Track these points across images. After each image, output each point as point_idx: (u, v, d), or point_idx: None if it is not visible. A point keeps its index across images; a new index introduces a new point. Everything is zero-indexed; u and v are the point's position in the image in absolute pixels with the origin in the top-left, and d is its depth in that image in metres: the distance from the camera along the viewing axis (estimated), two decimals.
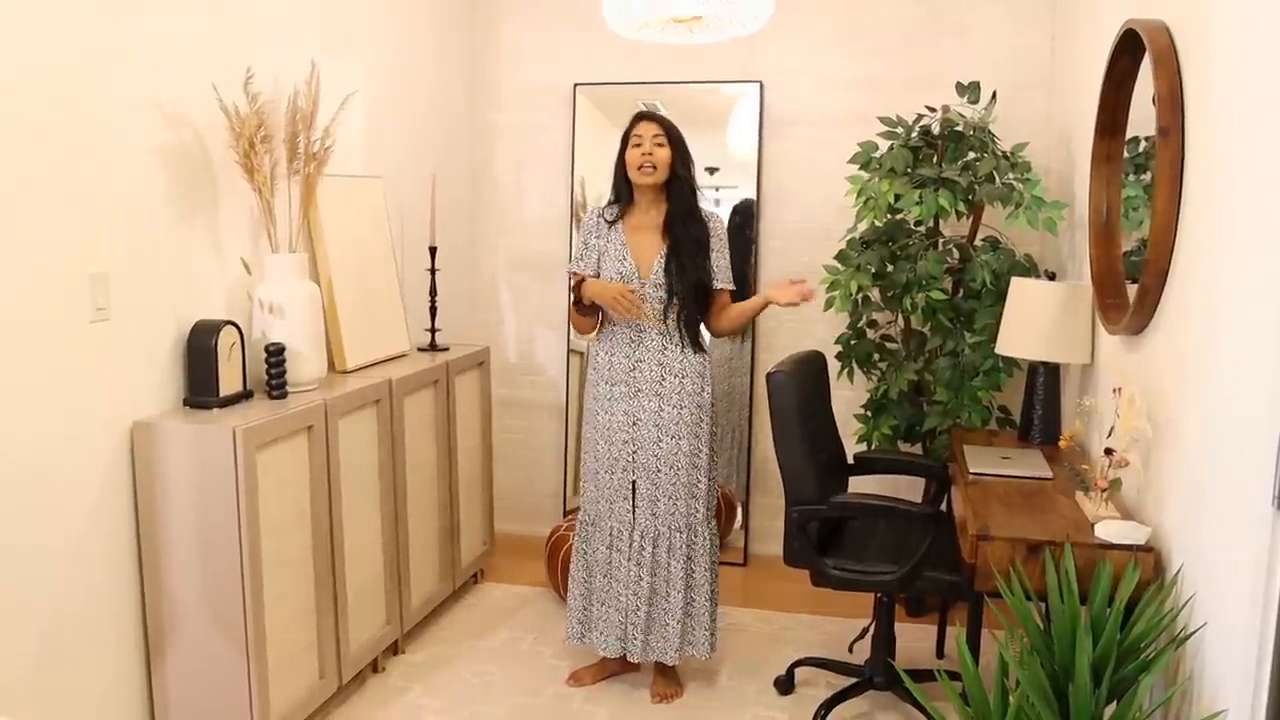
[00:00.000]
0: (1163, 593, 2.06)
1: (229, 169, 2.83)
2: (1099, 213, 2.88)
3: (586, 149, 4.46)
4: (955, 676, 2.36)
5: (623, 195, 3.20)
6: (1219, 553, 1.92)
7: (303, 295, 2.94)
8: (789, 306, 3.06)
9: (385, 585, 3.31)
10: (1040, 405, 3.24)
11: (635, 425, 3.13)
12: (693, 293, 3.10)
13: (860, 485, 3.43)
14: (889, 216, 3.63)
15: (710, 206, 3.24)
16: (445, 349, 3.86)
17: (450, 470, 3.75)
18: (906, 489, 3.92)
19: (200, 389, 2.71)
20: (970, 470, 2.84)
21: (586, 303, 3.13)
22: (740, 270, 4.01)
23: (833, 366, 3.64)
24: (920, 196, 3.44)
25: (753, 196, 4.31)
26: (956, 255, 3.68)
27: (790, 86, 4.25)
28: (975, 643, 2.56)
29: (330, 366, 3.21)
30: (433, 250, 3.83)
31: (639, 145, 3.09)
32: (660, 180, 3.10)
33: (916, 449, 3.89)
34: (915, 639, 3.59)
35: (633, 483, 3.14)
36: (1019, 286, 3.22)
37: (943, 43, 4.09)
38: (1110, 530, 2.28)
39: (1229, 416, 1.90)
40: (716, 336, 3.26)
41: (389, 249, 3.70)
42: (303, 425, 2.81)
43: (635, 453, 3.14)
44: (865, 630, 3.33)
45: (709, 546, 3.19)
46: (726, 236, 3.22)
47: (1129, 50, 2.63)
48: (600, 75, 4.40)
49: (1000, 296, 3.42)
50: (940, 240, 3.65)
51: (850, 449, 3.52)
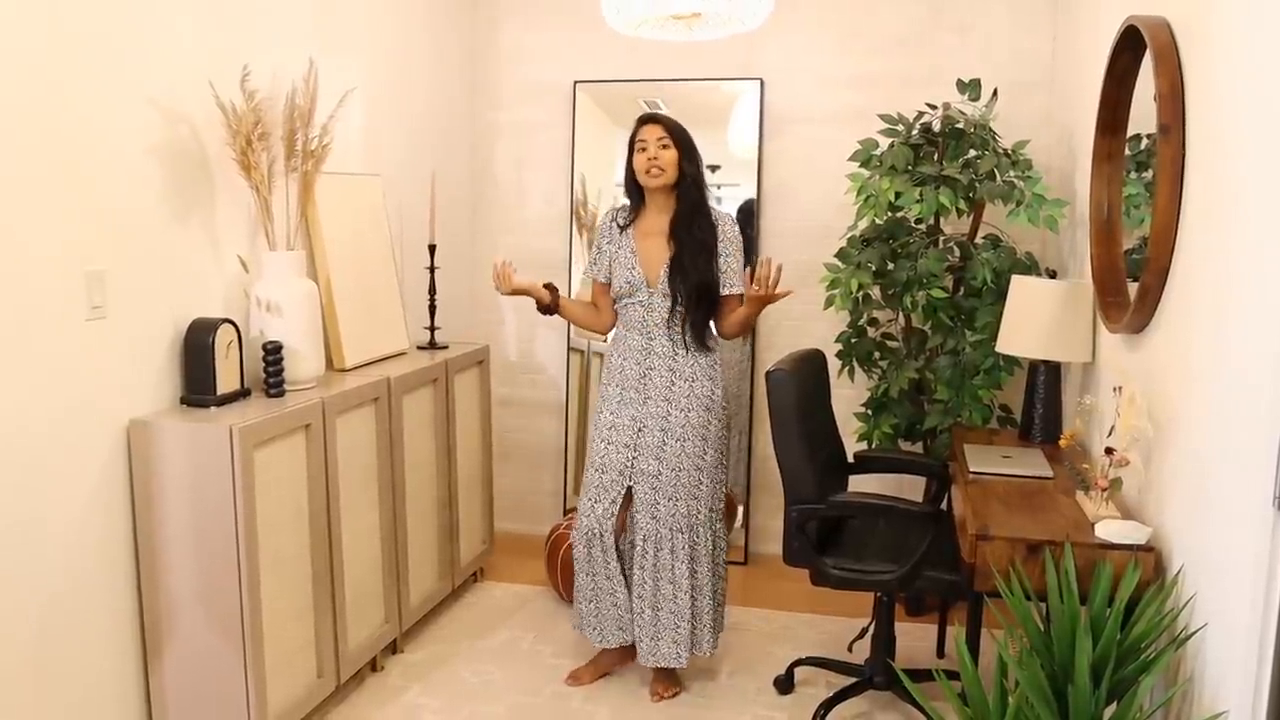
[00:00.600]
0: (1163, 593, 2.05)
1: (226, 166, 2.82)
2: (1100, 210, 2.87)
3: (587, 147, 4.45)
4: (955, 676, 2.36)
5: (634, 200, 3.20)
6: (1220, 553, 1.91)
7: (300, 293, 2.94)
8: (771, 295, 2.94)
9: (384, 584, 3.30)
10: (1041, 404, 3.23)
11: (640, 431, 3.13)
12: (696, 296, 3.08)
13: (860, 484, 3.42)
14: (889, 214, 3.62)
15: (713, 204, 3.22)
16: (445, 347, 3.85)
17: (449, 469, 3.74)
18: (907, 488, 3.91)
19: (197, 387, 2.70)
20: (970, 469, 2.83)
21: (549, 303, 3.20)
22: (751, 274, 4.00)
23: (833, 365, 3.62)
24: (921, 194, 3.43)
25: (752, 195, 4.30)
26: (957, 253, 3.67)
27: (791, 84, 4.24)
28: (974, 643, 2.55)
29: (329, 365, 3.20)
30: (432, 248, 3.82)
31: (644, 149, 3.09)
32: (668, 182, 3.10)
33: (917, 448, 3.88)
34: (915, 638, 3.58)
35: (629, 488, 3.15)
36: (1020, 285, 3.21)
37: (943, 40, 4.07)
38: (1111, 530, 2.27)
39: (1230, 416, 1.89)
40: (726, 339, 3.25)
41: (388, 247, 3.69)
42: (300, 424, 2.80)
43: (635, 459, 3.14)
44: (865, 630, 3.32)
45: (710, 547, 3.19)
46: (739, 238, 3.18)
47: (1130, 47, 2.62)
48: (601, 73, 4.39)
49: (1001, 295, 3.41)
50: (941, 238, 3.64)
51: (851, 448, 3.51)
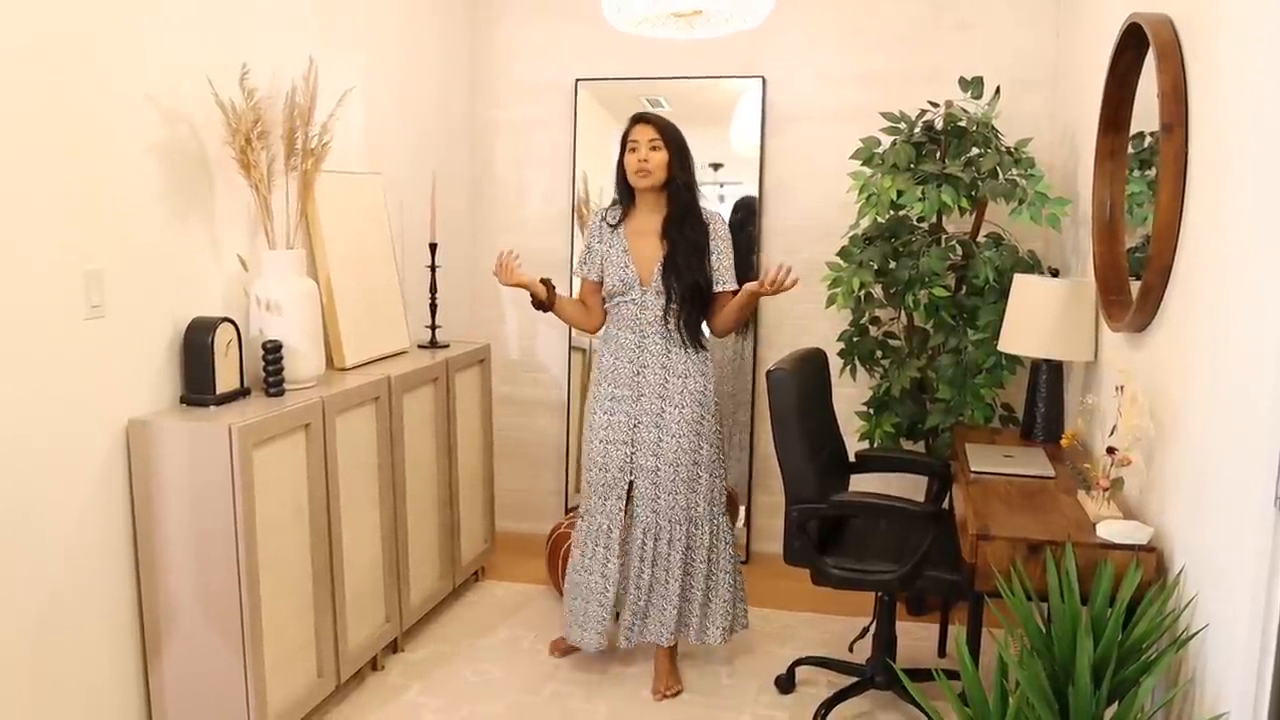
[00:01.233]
0: (1164, 593, 2.04)
1: (226, 165, 2.82)
2: (1102, 209, 2.86)
3: (588, 145, 4.44)
4: (956, 676, 2.35)
5: (624, 198, 3.22)
6: (1222, 553, 1.90)
7: (300, 292, 2.93)
8: (777, 291, 2.95)
9: (385, 583, 3.29)
10: (1043, 403, 3.22)
11: (636, 428, 3.17)
12: (690, 294, 3.11)
13: (862, 483, 3.41)
14: (891, 213, 3.61)
15: (714, 203, 3.22)
16: (446, 346, 3.85)
17: (450, 468, 3.74)
18: (909, 487, 3.90)
19: (197, 386, 2.70)
20: (972, 468, 2.82)
21: (544, 299, 3.22)
22: (742, 268, 3.99)
23: (835, 364, 3.61)
24: (923, 192, 3.42)
25: (754, 193, 4.29)
26: (959, 252, 3.66)
27: (793, 81, 4.23)
28: (975, 643, 2.54)
29: (329, 364, 3.20)
30: (433, 247, 3.82)
31: (635, 150, 3.11)
32: (657, 183, 3.11)
33: (919, 447, 3.87)
34: (917, 638, 3.58)
35: (630, 483, 3.18)
36: (1022, 283, 3.20)
37: (946, 37, 4.06)
38: (1112, 530, 2.26)
39: (1232, 415, 1.88)
40: (719, 336, 3.26)
41: (389, 246, 3.68)
42: (300, 423, 2.79)
43: (634, 454, 3.17)
44: (866, 629, 3.31)
45: (710, 540, 3.22)
46: (729, 236, 3.21)
47: (1133, 44, 2.60)
48: (602, 71, 4.38)
49: (1003, 293, 3.40)
50: (943, 237, 3.63)
51: (852, 447, 3.50)
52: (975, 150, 3.56)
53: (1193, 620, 2.00)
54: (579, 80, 4.41)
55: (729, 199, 4.30)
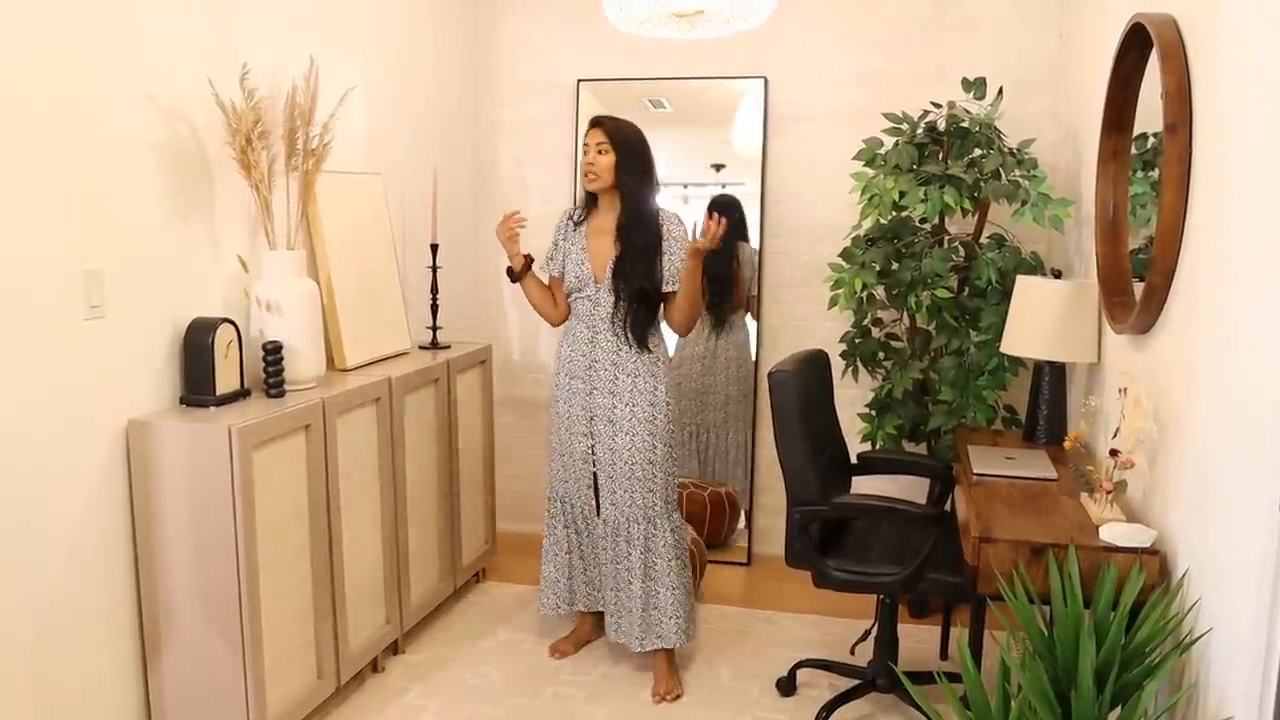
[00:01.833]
0: (1168, 597, 2.03)
1: (226, 165, 2.81)
2: (1105, 210, 2.85)
3: None
4: (958, 679, 2.34)
5: (588, 198, 3.29)
6: (1226, 556, 1.89)
7: (301, 293, 2.92)
8: (711, 246, 3.01)
9: (385, 584, 3.29)
10: (1046, 405, 3.21)
11: (592, 420, 3.24)
12: (637, 298, 3.16)
13: (864, 485, 3.40)
14: (894, 214, 3.60)
15: (661, 204, 3.25)
16: (447, 347, 3.84)
17: (451, 469, 3.73)
18: (911, 489, 3.89)
19: (196, 387, 2.69)
20: (974, 471, 2.81)
21: (518, 271, 3.30)
22: (718, 267, 4.13)
23: (837, 365, 3.61)
24: (925, 193, 3.41)
25: (734, 192, 4.29)
26: (962, 253, 3.65)
27: (795, 82, 4.22)
28: (977, 646, 2.53)
29: (330, 365, 3.19)
30: (434, 247, 3.81)
31: (586, 152, 3.18)
32: (605, 186, 3.18)
33: (921, 449, 3.86)
34: (919, 640, 3.57)
35: (594, 474, 3.27)
36: (1024, 285, 3.19)
37: (948, 38, 4.05)
38: (1115, 533, 2.25)
39: (1236, 418, 1.86)
40: (682, 333, 3.31)
41: (390, 246, 3.68)
42: (300, 424, 2.78)
43: (594, 446, 3.25)
44: (868, 632, 3.30)
45: (670, 540, 3.25)
46: (685, 237, 3.21)
47: (1136, 44, 2.59)
48: (604, 71, 4.37)
49: (1006, 295, 3.39)
50: (945, 238, 3.62)
51: (854, 448, 3.49)
52: (978, 151, 3.55)
53: (1196, 624, 1.99)
54: (581, 80, 4.40)
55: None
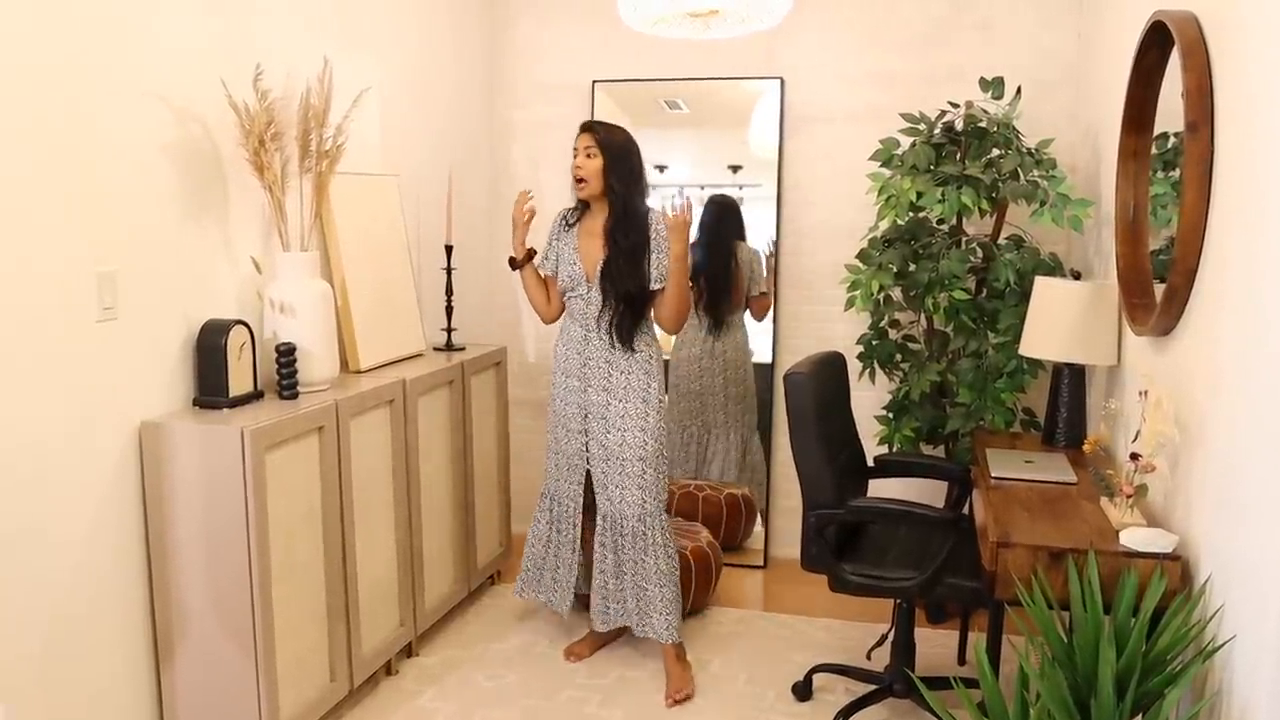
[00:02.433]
0: (1190, 603, 1.99)
1: (239, 166, 2.81)
2: (1126, 210, 2.81)
3: None
4: (976, 685, 2.31)
5: (581, 199, 3.33)
6: (1250, 562, 1.85)
7: (314, 294, 2.92)
8: (679, 225, 3.08)
9: (399, 587, 3.28)
10: (1065, 408, 3.17)
11: (586, 418, 3.30)
12: (624, 300, 3.21)
13: (881, 488, 3.37)
14: (911, 214, 3.58)
15: (651, 205, 3.27)
16: (461, 349, 3.83)
17: (466, 471, 3.72)
18: (929, 492, 3.85)
19: (209, 389, 2.69)
20: (992, 474, 2.78)
21: (520, 262, 3.36)
22: (715, 265, 4.21)
23: (854, 367, 3.58)
24: (943, 194, 3.38)
25: (731, 193, 4.29)
26: (980, 254, 3.62)
27: (811, 82, 4.20)
28: (995, 652, 2.51)
29: (343, 367, 3.19)
30: (449, 249, 3.80)
31: (575, 156, 3.23)
32: (594, 191, 3.22)
33: (939, 451, 3.83)
34: (937, 644, 3.53)
35: (587, 471, 3.33)
36: (1043, 286, 3.15)
37: (966, 37, 4.02)
38: (1136, 538, 2.22)
39: (1259, 421, 1.83)
40: (670, 330, 3.34)
41: (404, 248, 3.67)
42: (313, 426, 2.78)
43: (588, 443, 3.31)
44: (884, 636, 3.27)
45: (659, 539, 3.28)
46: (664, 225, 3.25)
47: (1157, 42, 2.56)
48: (619, 72, 4.36)
49: (1024, 296, 3.36)
50: (963, 239, 3.59)
51: (871, 451, 3.46)
52: (996, 151, 3.52)
53: (1219, 631, 1.96)
54: (595, 81, 4.39)
55: (750, 201, 4.27)
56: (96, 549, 2.44)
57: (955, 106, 3.61)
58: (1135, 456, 2.32)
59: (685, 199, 3.12)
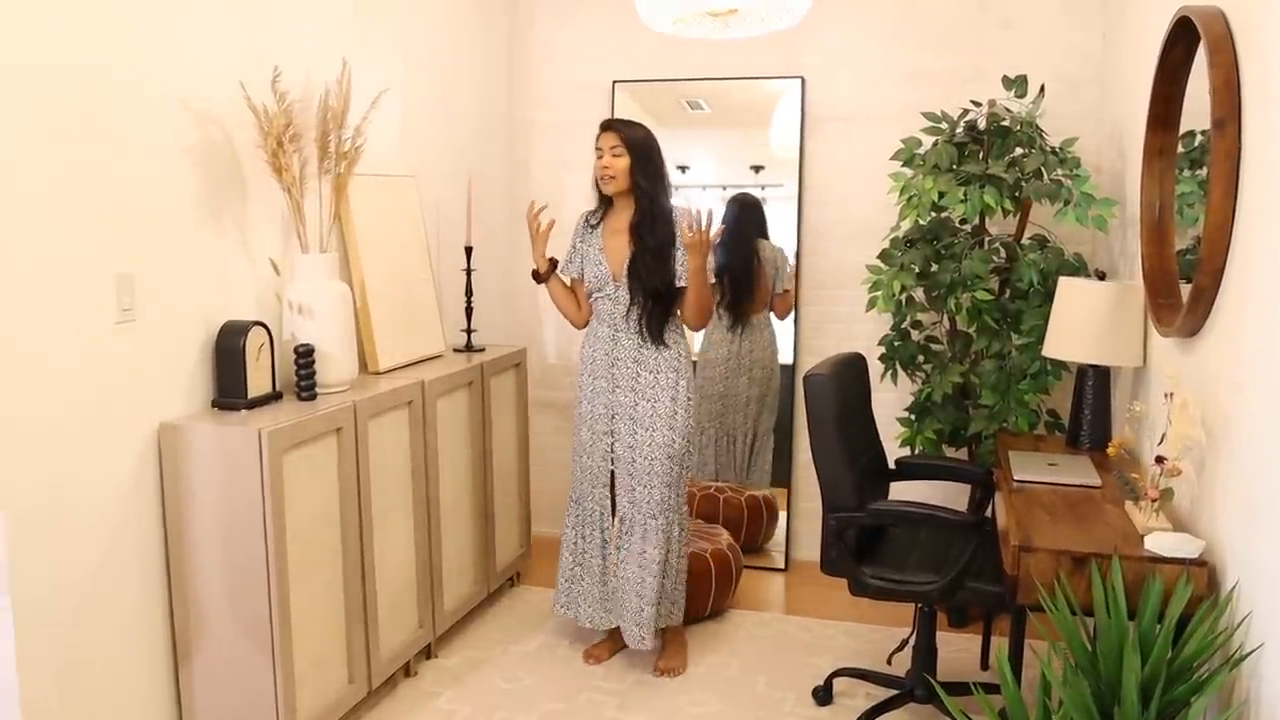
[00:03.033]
0: (1217, 610, 1.95)
1: (258, 168, 2.82)
2: (1151, 209, 2.77)
3: None
4: (997, 690, 2.28)
5: (602, 199, 3.34)
6: (1278, 568, 1.82)
7: (333, 296, 2.92)
8: (704, 239, 3.05)
9: (418, 588, 3.28)
10: (1089, 410, 3.13)
11: (614, 419, 3.31)
12: (651, 296, 3.21)
13: (902, 491, 3.33)
14: (933, 214, 3.55)
15: (676, 202, 3.27)
16: (481, 350, 3.83)
17: (485, 472, 3.72)
18: (951, 495, 3.82)
19: (228, 390, 2.70)
20: (1015, 477, 2.74)
21: (544, 274, 3.37)
22: (735, 262, 4.20)
23: (876, 368, 3.55)
24: (965, 194, 3.34)
25: (755, 192, 4.27)
26: (1003, 254, 3.58)
27: (832, 82, 4.17)
28: (1017, 658, 2.47)
29: (362, 368, 3.19)
30: (469, 250, 3.80)
31: (600, 156, 3.22)
32: (621, 189, 3.22)
33: (961, 454, 3.79)
34: (959, 649, 3.50)
35: (611, 472, 3.33)
36: (1067, 286, 3.11)
37: (989, 36, 3.98)
38: (1161, 542, 2.18)
39: None
40: (694, 328, 3.35)
41: (424, 249, 3.67)
42: (332, 427, 2.78)
43: (614, 444, 3.32)
44: (905, 641, 3.24)
45: (677, 535, 3.32)
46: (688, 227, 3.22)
47: (1183, 39, 2.52)
48: (639, 72, 4.35)
49: (1048, 297, 3.32)
50: (986, 239, 3.55)
51: (893, 453, 3.43)
52: (1019, 150, 3.48)
53: (1247, 639, 1.92)
54: (616, 82, 4.38)
55: (771, 202, 4.25)
56: (116, 550, 2.45)
57: (978, 105, 3.57)
58: (1160, 459, 2.28)
59: (708, 214, 3.08)
